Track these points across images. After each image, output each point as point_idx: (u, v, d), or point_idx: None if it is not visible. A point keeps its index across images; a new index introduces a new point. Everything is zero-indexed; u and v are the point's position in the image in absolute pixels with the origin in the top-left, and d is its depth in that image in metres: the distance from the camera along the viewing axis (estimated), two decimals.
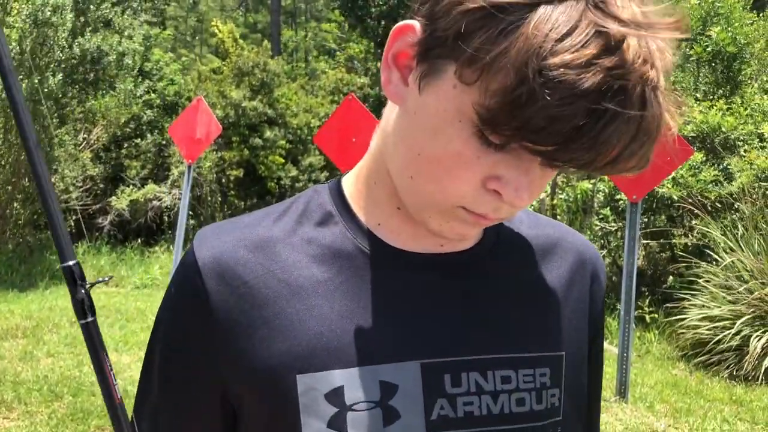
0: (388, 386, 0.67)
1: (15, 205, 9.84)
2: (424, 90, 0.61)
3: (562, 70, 0.51)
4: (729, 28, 7.54)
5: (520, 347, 0.73)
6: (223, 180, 12.64)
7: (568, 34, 0.52)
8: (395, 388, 0.67)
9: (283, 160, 12.74)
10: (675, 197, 6.72)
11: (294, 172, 12.85)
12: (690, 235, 7.03)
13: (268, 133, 12.52)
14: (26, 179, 9.87)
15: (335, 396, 0.66)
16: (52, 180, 10.16)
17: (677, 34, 0.55)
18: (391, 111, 0.70)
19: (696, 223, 6.88)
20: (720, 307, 5.92)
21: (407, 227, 0.73)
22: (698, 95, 7.84)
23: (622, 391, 4.93)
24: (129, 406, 4.05)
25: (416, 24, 0.62)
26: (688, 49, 7.89)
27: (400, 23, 0.64)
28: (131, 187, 11.92)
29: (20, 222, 9.98)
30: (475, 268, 0.75)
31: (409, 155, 0.65)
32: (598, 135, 0.53)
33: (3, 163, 9.45)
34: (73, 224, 11.36)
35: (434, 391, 0.68)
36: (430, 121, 0.61)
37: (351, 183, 0.77)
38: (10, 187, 9.64)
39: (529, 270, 0.78)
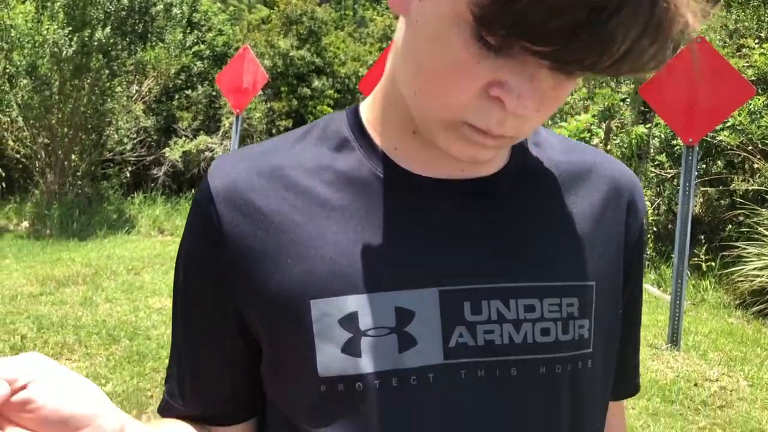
0: (403, 312, 0.65)
1: (73, 157, 10.11)
2: None
3: None
4: None
5: (545, 276, 0.69)
6: (273, 131, 12.72)
7: None
8: (411, 314, 0.65)
9: (331, 110, 12.74)
10: (733, 144, 6.44)
11: None
12: (752, 180, 6.76)
13: (316, 83, 12.50)
14: (82, 132, 10.11)
15: (349, 321, 0.65)
16: (107, 132, 10.42)
17: None
18: (401, 26, 0.66)
19: (758, 168, 6.61)
20: None
21: (424, 151, 0.70)
22: (762, 34, 7.42)
23: (674, 339, 4.85)
24: None
25: None
26: None
27: None
28: (183, 138, 12.11)
29: (78, 173, 10.27)
30: (497, 193, 0.71)
31: (413, 68, 0.61)
32: (600, 30, 0.47)
33: (61, 116, 9.69)
34: (129, 175, 11.67)
35: (453, 318, 0.65)
36: (429, 27, 0.57)
37: (368, 107, 0.74)
38: (67, 140, 9.89)
39: (557, 196, 0.74)
